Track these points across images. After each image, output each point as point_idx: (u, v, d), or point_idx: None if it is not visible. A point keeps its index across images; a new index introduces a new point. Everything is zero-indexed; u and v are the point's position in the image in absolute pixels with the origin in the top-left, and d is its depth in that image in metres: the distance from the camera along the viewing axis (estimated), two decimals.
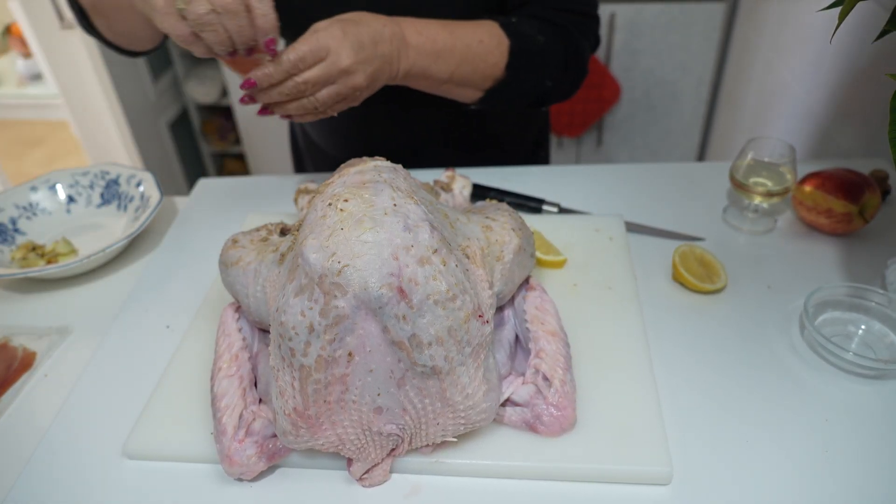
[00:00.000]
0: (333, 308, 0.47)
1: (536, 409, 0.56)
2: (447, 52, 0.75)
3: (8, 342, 0.73)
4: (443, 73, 0.76)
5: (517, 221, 0.63)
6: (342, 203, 0.51)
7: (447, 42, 0.75)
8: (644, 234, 0.82)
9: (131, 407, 0.64)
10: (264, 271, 0.57)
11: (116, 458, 0.60)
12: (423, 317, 0.47)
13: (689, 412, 0.60)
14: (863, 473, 0.54)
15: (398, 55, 0.72)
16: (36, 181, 0.93)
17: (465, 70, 0.77)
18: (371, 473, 0.55)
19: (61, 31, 1.90)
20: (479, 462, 0.55)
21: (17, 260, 0.83)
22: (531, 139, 1.08)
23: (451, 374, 0.50)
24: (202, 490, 0.56)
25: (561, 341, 0.60)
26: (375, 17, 0.71)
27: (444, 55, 0.75)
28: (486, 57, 0.78)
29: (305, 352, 0.48)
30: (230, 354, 0.59)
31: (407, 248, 0.48)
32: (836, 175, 0.78)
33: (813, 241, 0.79)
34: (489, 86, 0.81)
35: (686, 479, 0.55)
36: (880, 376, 0.62)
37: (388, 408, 0.50)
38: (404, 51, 0.72)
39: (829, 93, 1.21)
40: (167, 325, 0.74)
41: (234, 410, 0.55)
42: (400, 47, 0.72)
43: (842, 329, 0.67)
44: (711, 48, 1.89)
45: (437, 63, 0.75)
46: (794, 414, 0.59)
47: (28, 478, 0.58)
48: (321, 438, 0.51)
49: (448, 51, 0.75)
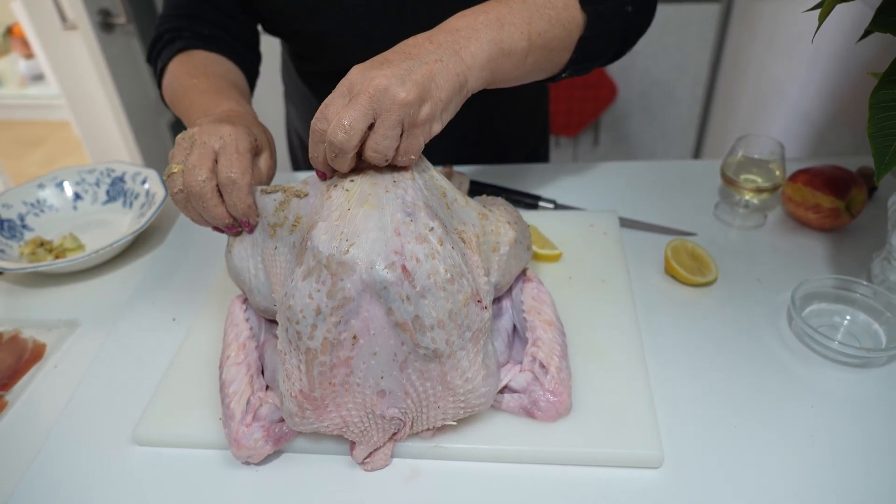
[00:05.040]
0: (340, 290, 0.49)
1: (533, 396, 0.58)
2: (506, 13, 0.61)
3: (18, 334, 0.75)
4: (518, 40, 0.61)
5: (513, 215, 0.65)
6: (347, 184, 0.53)
7: (496, 7, 0.62)
8: (637, 229, 0.85)
9: (139, 396, 0.66)
10: (259, 240, 0.59)
11: (126, 444, 0.62)
12: (426, 298, 0.50)
13: (679, 399, 0.62)
14: (847, 458, 0.56)
15: (452, 45, 0.57)
16: (43, 178, 0.95)
17: (541, 25, 0.63)
18: (373, 457, 0.57)
19: (63, 32, 1.92)
20: (478, 446, 0.57)
21: (25, 255, 0.85)
22: (533, 139, 1.11)
23: (452, 357, 0.52)
24: (210, 474, 0.58)
25: (557, 331, 0.62)
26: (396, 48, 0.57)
27: (506, 17, 0.61)
28: (558, 13, 0.65)
29: (312, 335, 0.50)
30: (238, 343, 0.61)
31: (406, 225, 0.51)
32: (823, 172, 0.80)
33: (801, 236, 0.81)
34: (576, 36, 0.67)
35: (676, 462, 0.57)
36: (864, 365, 0.64)
37: (391, 391, 0.53)
38: (453, 40, 0.57)
39: (821, 93, 1.24)
40: (173, 318, 0.76)
41: (241, 396, 0.57)
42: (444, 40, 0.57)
43: (828, 320, 0.69)
44: (706, 49, 1.92)
45: (503, 29, 0.60)
46: (781, 401, 0.61)
47: (41, 464, 0.60)
48: (326, 420, 0.53)
49: (506, 12, 0.61)
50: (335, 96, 0.53)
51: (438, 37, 0.57)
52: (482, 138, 1.01)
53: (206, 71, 0.76)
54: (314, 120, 0.53)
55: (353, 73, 0.53)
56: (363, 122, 0.51)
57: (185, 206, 0.59)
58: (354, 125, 0.50)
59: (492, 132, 1.02)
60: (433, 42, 0.56)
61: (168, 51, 0.80)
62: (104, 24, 1.93)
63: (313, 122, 0.53)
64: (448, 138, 0.97)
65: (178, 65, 0.78)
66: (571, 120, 2.09)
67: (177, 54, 0.79)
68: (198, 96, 0.72)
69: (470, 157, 1.01)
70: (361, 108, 0.51)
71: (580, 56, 0.69)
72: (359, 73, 0.52)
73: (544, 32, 0.63)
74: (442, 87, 0.54)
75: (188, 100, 0.73)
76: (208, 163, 0.57)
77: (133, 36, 2.08)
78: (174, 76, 0.78)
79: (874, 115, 0.55)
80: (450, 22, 0.60)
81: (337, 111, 0.52)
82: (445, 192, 0.59)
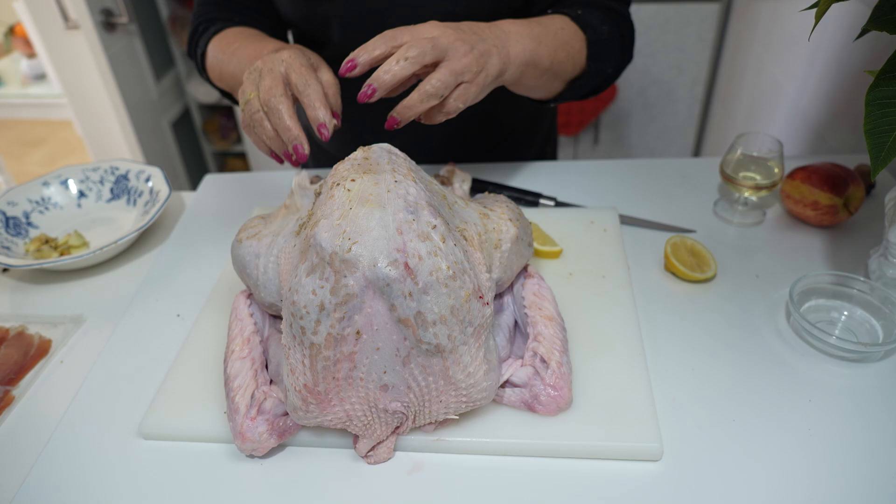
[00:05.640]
0: (343, 286, 0.50)
1: (534, 390, 0.59)
2: (544, 35, 0.73)
3: (24, 330, 0.76)
4: (545, 59, 0.73)
5: (514, 212, 0.66)
6: (349, 183, 0.54)
7: (537, 28, 0.73)
8: (637, 226, 0.85)
9: (144, 390, 0.67)
10: (280, 241, 0.60)
11: (132, 438, 0.62)
12: (428, 294, 0.50)
13: (679, 393, 0.63)
14: (844, 451, 0.57)
15: (505, 42, 0.69)
16: (48, 176, 0.95)
17: (561, 56, 0.76)
18: (376, 451, 0.58)
19: (65, 32, 1.93)
20: (480, 440, 0.58)
21: (31, 252, 0.86)
22: (541, 137, 1.12)
23: (454, 352, 0.53)
24: (215, 467, 0.59)
25: (558, 326, 0.63)
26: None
27: (543, 38, 0.73)
28: (573, 43, 0.77)
29: (316, 330, 0.51)
30: (242, 338, 0.62)
31: (409, 223, 0.51)
32: (821, 169, 0.81)
33: (799, 233, 0.82)
34: (573, 76, 0.80)
35: (676, 455, 0.57)
36: (861, 359, 0.65)
37: (394, 385, 0.53)
38: (503, 40, 0.69)
39: (819, 91, 1.24)
40: (178, 314, 0.77)
41: (246, 390, 0.58)
42: (494, 39, 0.68)
43: (825, 315, 0.70)
44: (706, 48, 1.93)
45: (539, 46, 0.72)
46: (779, 395, 0.62)
47: (48, 458, 0.61)
48: (329, 414, 0.54)
49: (544, 34, 0.73)
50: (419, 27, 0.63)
51: (494, 30, 0.68)
52: (490, 137, 1.02)
53: (243, 35, 0.83)
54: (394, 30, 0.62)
55: (430, 25, 0.64)
56: (431, 56, 0.61)
57: (261, 125, 0.64)
58: (425, 52, 0.61)
59: (499, 131, 1.03)
60: (492, 31, 0.68)
61: (204, 38, 0.87)
62: (106, 24, 1.94)
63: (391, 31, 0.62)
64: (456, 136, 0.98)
65: (216, 42, 0.84)
66: (572, 119, 2.10)
67: (212, 38, 0.85)
68: (243, 52, 0.78)
69: (478, 155, 1.02)
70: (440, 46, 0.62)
71: (566, 92, 0.83)
72: (437, 26, 0.63)
73: (561, 62, 0.76)
74: (493, 66, 0.66)
75: (235, 61, 0.78)
76: (281, 82, 0.64)
77: (135, 35, 2.09)
78: (214, 53, 0.84)
79: (870, 111, 0.55)
80: (501, 23, 0.71)
81: (426, 31, 0.62)
82: (446, 196, 0.61)
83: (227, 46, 0.81)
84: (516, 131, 1.05)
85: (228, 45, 0.81)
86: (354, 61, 0.62)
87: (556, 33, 0.76)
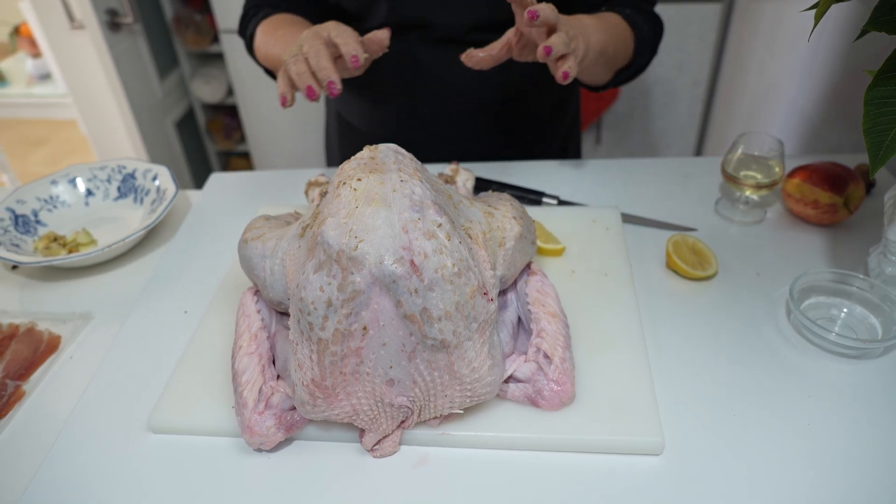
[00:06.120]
0: (350, 283, 0.51)
1: (538, 385, 0.60)
2: (610, 29, 0.85)
3: (34, 326, 0.77)
4: (611, 49, 0.84)
5: (518, 210, 0.67)
6: (355, 182, 0.55)
7: (604, 23, 0.84)
8: (639, 224, 0.86)
9: (153, 385, 0.68)
10: (284, 245, 0.61)
11: (141, 432, 0.63)
12: (433, 290, 0.51)
13: (680, 389, 0.64)
14: (843, 446, 0.58)
15: (587, 31, 0.80)
16: (56, 175, 0.97)
17: (620, 48, 0.87)
18: (382, 444, 0.59)
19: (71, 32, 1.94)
20: (484, 434, 0.59)
21: (40, 249, 0.87)
22: (562, 133, 1.14)
23: (459, 348, 0.54)
24: (223, 461, 0.60)
25: (561, 322, 0.64)
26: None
27: (609, 32, 0.84)
28: (626, 39, 0.88)
29: (323, 325, 0.52)
30: (250, 334, 0.63)
31: (414, 222, 0.52)
32: (822, 168, 0.81)
33: (800, 231, 0.83)
34: (622, 67, 0.92)
35: (677, 450, 0.58)
36: (861, 356, 0.66)
37: (400, 380, 0.54)
38: (585, 29, 0.80)
39: (820, 92, 1.25)
40: (185, 311, 0.78)
41: (254, 385, 0.59)
42: (580, 25, 0.79)
43: (825, 312, 0.71)
44: (707, 48, 1.93)
45: (608, 38, 0.83)
46: (779, 391, 0.63)
47: (58, 451, 0.62)
48: (337, 408, 0.55)
49: (610, 28, 0.84)
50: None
51: (575, 22, 0.79)
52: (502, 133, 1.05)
53: (288, 21, 0.91)
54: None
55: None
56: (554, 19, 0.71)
57: (297, 63, 0.71)
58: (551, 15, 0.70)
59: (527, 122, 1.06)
60: (575, 22, 0.78)
61: (253, 22, 0.95)
62: (111, 24, 1.95)
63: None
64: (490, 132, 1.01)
65: (264, 27, 0.93)
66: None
67: (260, 22, 0.93)
68: (288, 36, 0.86)
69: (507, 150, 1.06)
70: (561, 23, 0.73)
71: (612, 81, 0.94)
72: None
73: (619, 54, 0.88)
74: (581, 48, 0.77)
75: (280, 45, 0.86)
76: (323, 40, 0.72)
77: (140, 35, 2.10)
78: (261, 36, 0.92)
79: (869, 111, 0.56)
80: (579, 17, 0.82)
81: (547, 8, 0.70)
82: (451, 195, 0.61)
83: (274, 31, 0.89)
84: (542, 123, 1.09)
85: (275, 30, 0.90)
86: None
87: (615, 28, 0.86)
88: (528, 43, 0.77)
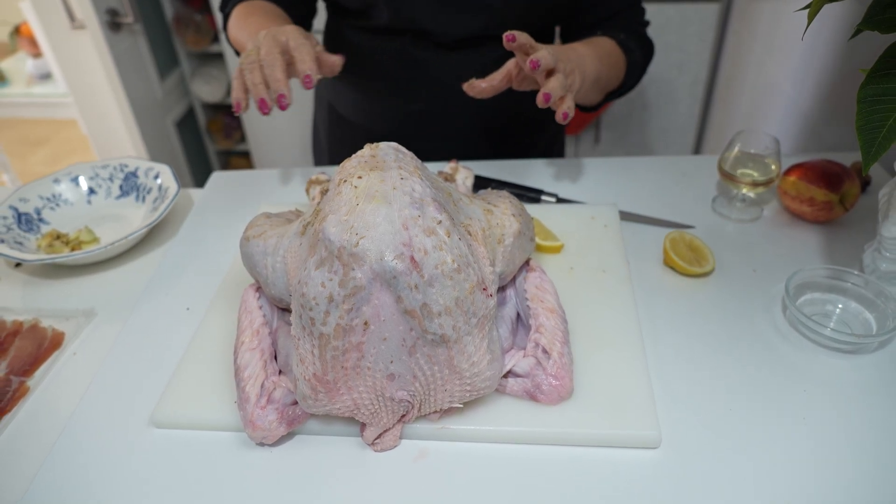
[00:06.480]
0: (351, 279, 0.51)
1: (536, 380, 0.61)
2: (605, 57, 0.88)
3: (38, 323, 0.78)
4: (604, 76, 0.88)
5: (517, 207, 0.67)
6: (356, 180, 0.56)
7: (599, 51, 0.88)
8: (637, 222, 0.87)
9: (156, 381, 0.69)
10: (285, 242, 0.62)
11: (145, 427, 0.64)
12: (433, 286, 0.52)
13: (677, 383, 0.65)
14: (837, 439, 0.59)
15: (583, 63, 0.83)
16: (58, 173, 0.97)
17: (612, 75, 0.91)
18: (382, 438, 0.60)
19: (71, 31, 1.94)
20: (483, 428, 0.60)
21: (43, 247, 0.88)
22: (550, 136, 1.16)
23: (459, 342, 0.54)
24: (225, 455, 0.61)
25: (559, 318, 0.64)
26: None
27: (604, 60, 0.88)
28: (619, 64, 0.92)
29: (325, 321, 0.53)
30: (252, 330, 0.64)
31: (415, 219, 0.53)
32: (818, 166, 0.82)
33: (796, 229, 0.84)
34: (613, 90, 0.95)
35: (673, 443, 0.59)
36: (855, 351, 0.67)
37: (400, 374, 0.55)
38: (582, 61, 0.82)
39: (817, 91, 1.26)
40: (187, 308, 0.79)
41: (256, 380, 0.60)
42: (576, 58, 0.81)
43: (821, 308, 0.72)
44: (706, 48, 1.94)
45: (602, 66, 0.87)
46: (775, 385, 0.64)
47: (63, 446, 0.63)
48: (338, 403, 0.56)
49: (604, 56, 0.88)
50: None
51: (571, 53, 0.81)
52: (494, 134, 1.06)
53: (262, 10, 0.92)
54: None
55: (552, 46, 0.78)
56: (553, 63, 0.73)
57: (252, 73, 0.73)
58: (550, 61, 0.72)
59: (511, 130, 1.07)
60: (571, 53, 0.81)
61: (232, 2, 0.96)
62: (112, 24, 1.96)
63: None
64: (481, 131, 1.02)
65: (240, 10, 0.93)
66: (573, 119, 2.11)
67: (238, 4, 0.94)
68: (255, 25, 0.87)
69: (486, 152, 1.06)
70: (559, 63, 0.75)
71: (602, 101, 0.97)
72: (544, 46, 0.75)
73: (612, 80, 0.91)
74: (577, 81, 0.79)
75: (247, 32, 0.87)
76: (279, 46, 0.74)
77: (140, 35, 2.10)
78: (235, 19, 0.93)
79: (862, 108, 0.57)
80: (574, 46, 0.85)
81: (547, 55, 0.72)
82: (451, 193, 0.62)
83: (247, 17, 0.90)
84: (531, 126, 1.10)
85: (248, 16, 0.91)
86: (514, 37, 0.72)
87: (609, 55, 0.90)
88: (527, 76, 0.79)
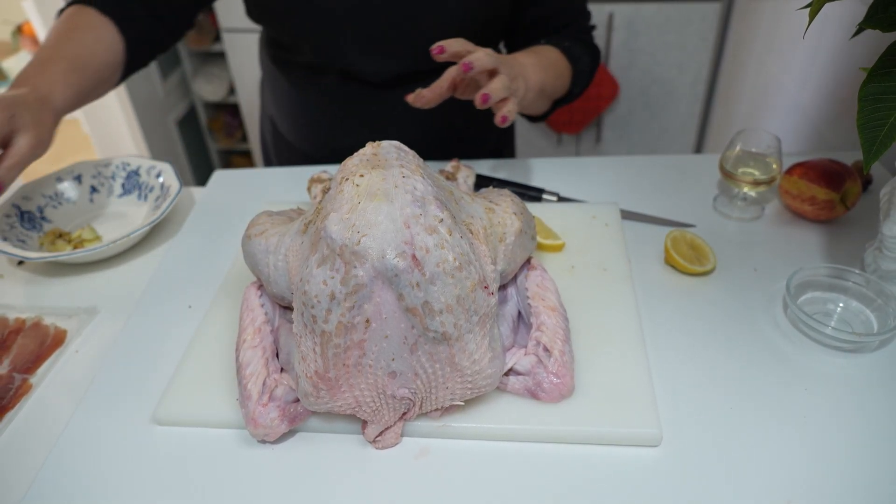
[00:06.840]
0: (353, 277, 0.52)
1: (537, 378, 0.61)
2: (549, 66, 0.87)
3: (40, 321, 0.78)
4: (549, 86, 0.87)
5: (518, 206, 0.67)
6: (358, 178, 0.56)
7: (543, 60, 0.87)
8: (638, 221, 0.87)
9: (157, 378, 0.69)
10: (287, 241, 0.62)
11: (146, 424, 0.64)
12: (434, 284, 0.52)
13: (678, 382, 0.65)
14: (838, 438, 0.59)
15: (526, 72, 0.81)
16: (61, 172, 0.97)
17: (558, 84, 0.90)
18: (384, 436, 0.60)
19: None
20: (484, 426, 0.60)
21: (45, 245, 0.88)
22: (494, 138, 1.14)
23: (460, 340, 0.54)
24: (227, 453, 0.61)
25: (560, 316, 0.64)
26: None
27: (549, 69, 0.87)
28: (564, 73, 0.91)
29: (326, 318, 0.53)
30: (254, 327, 0.64)
31: (416, 217, 0.53)
32: (819, 165, 0.82)
33: (797, 227, 0.84)
34: (559, 98, 0.95)
35: (674, 441, 0.59)
36: (856, 350, 0.67)
37: (402, 372, 0.55)
38: (524, 70, 0.81)
39: (819, 90, 1.26)
40: (189, 305, 0.79)
41: (258, 378, 0.60)
42: (518, 66, 0.80)
43: (822, 307, 0.72)
44: (707, 47, 1.94)
45: (547, 76, 0.86)
46: (776, 384, 0.64)
47: (65, 442, 0.63)
48: (340, 400, 0.56)
49: (549, 65, 0.87)
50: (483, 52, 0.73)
51: (513, 62, 0.80)
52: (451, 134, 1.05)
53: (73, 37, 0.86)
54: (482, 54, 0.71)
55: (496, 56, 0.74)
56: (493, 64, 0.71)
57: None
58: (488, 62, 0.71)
59: (452, 130, 1.06)
60: (515, 62, 0.80)
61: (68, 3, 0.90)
62: None
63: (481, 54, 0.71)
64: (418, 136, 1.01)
65: (68, 16, 0.88)
66: (574, 118, 2.12)
67: (74, 4, 0.89)
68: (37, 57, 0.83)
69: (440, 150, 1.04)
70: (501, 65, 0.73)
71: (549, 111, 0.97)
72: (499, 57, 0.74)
73: (557, 89, 0.91)
74: (521, 89, 0.78)
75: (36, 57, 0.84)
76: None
77: None
78: (57, 24, 0.88)
79: (863, 107, 0.57)
80: (517, 56, 0.83)
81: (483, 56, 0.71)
82: (452, 191, 0.62)
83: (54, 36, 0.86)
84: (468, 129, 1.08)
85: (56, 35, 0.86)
86: (443, 48, 0.71)
87: (555, 64, 0.89)
88: (471, 82, 0.76)
